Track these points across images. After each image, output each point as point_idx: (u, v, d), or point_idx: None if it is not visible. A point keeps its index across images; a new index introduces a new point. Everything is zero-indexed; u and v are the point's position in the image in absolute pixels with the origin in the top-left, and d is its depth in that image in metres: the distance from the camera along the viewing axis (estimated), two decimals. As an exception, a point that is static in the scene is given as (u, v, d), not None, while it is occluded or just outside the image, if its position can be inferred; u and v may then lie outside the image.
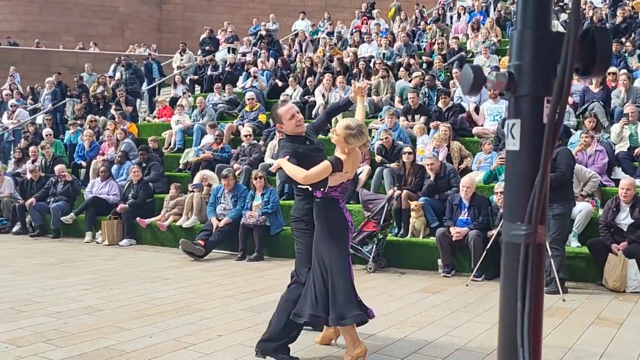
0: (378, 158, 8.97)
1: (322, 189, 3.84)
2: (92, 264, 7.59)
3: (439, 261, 6.96)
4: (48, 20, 27.97)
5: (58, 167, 10.85)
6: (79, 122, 13.64)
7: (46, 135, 12.54)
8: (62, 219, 9.99)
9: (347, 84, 11.95)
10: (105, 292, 5.89)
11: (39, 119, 15.20)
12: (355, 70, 13.01)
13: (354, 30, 17.33)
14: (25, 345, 4.09)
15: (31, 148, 12.09)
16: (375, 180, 8.67)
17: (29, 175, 11.19)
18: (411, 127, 9.85)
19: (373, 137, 9.98)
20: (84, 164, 11.76)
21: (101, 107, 14.89)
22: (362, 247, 7.11)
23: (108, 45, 26.86)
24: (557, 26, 13.27)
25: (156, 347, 4.09)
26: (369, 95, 11.82)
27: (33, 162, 11.70)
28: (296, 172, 3.72)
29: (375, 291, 6.03)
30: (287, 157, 3.80)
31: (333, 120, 8.78)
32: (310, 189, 3.95)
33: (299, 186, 4.03)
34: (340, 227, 3.92)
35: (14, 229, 10.53)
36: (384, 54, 13.79)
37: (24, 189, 11.17)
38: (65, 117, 15.65)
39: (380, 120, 10.33)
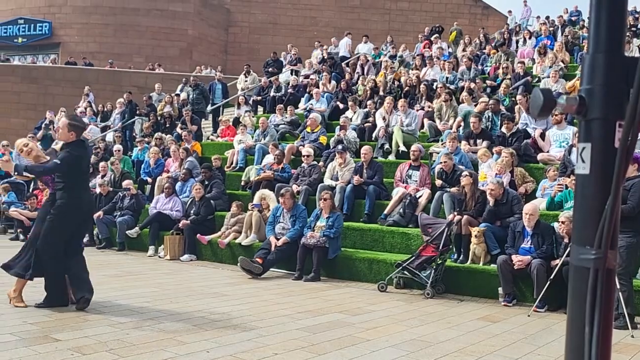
0: (438, 182, 8.88)
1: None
2: (154, 278, 7.80)
3: (500, 289, 6.78)
4: (121, 43, 29.32)
5: (126, 182, 11.28)
6: (146, 139, 14.16)
7: (116, 152, 13.07)
8: (127, 232, 10.34)
9: (410, 107, 11.94)
10: (166, 305, 6.04)
11: (109, 136, 15.88)
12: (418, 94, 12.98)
13: (416, 54, 17.33)
14: (89, 353, 4.24)
15: (101, 164, 12.60)
16: (435, 205, 8.57)
17: (98, 190, 11.64)
18: (473, 152, 9.72)
19: (434, 160, 9.90)
20: (149, 180, 12.16)
21: (167, 125, 15.41)
22: (420, 272, 7.01)
23: (176, 66, 27.86)
24: (635, 51, 12.85)
25: (213, 362, 4.15)
26: (431, 118, 11.76)
27: (102, 177, 12.18)
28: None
29: (433, 317, 5.93)
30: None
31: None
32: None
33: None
34: None
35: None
36: (447, 77, 13.71)
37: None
38: (134, 134, 16.28)
39: (442, 144, 10.24)
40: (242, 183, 11.32)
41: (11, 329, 4.82)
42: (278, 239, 8.36)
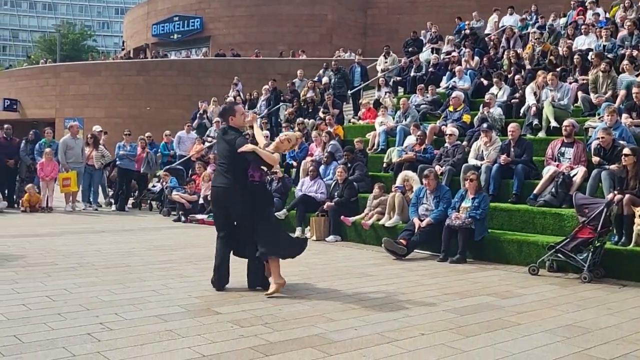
0: (595, 159, 8.24)
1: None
2: (302, 258, 7.94)
3: (669, 275, 6.19)
4: (265, 32, 30.55)
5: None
6: (290, 125, 14.66)
7: (264, 137, 13.67)
8: (276, 214, 10.81)
9: (561, 80, 11.18)
10: (314, 284, 6.27)
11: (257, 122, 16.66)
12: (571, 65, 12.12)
13: (569, 22, 16.13)
14: (246, 326, 4.53)
15: (250, 149, 13.24)
16: (592, 183, 7.99)
17: (248, 174, 12.29)
18: (637, 126, 8.88)
19: (590, 136, 9.22)
20: (294, 164, 12.61)
21: (310, 110, 15.83)
22: (576, 255, 6.59)
23: (317, 51, 28.45)
24: None
25: (361, 339, 4.24)
26: (586, 91, 10.94)
27: (252, 161, 12.81)
28: (271, 157, 5.64)
29: (591, 302, 5.56)
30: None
31: None
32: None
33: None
34: None
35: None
36: (604, 45, 12.63)
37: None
38: (279, 120, 16.93)
39: (599, 118, 9.48)
40: (384, 165, 11.35)
41: (179, 301, 5.28)
42: (422, 221, 8.30)
